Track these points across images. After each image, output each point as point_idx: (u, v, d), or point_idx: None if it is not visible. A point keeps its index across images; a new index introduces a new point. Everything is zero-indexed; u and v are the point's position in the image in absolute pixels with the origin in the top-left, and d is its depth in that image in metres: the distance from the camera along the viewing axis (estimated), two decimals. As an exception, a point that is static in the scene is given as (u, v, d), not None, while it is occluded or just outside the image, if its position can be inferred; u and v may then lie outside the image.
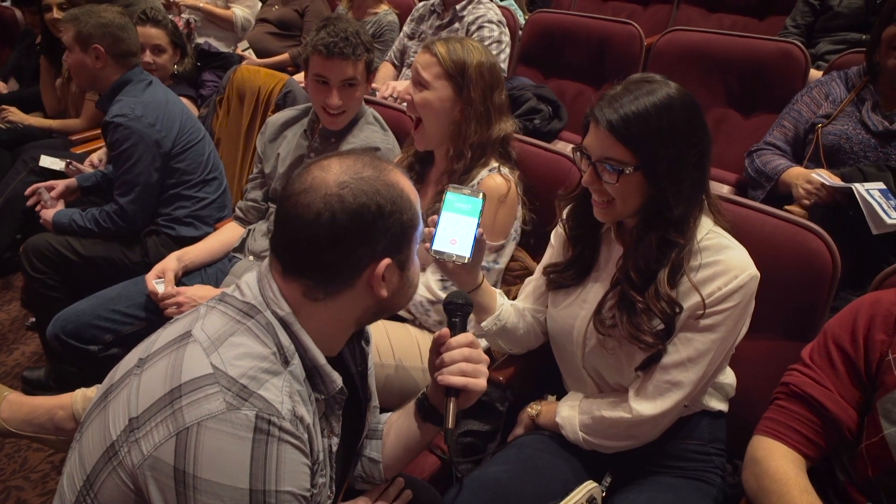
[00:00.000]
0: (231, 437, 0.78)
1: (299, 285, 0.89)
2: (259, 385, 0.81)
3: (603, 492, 1.23)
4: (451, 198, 1.22)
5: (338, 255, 0.87)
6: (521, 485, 1.21)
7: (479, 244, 1.22)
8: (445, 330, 1.06)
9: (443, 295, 1.49)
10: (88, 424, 0.89)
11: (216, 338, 0.85)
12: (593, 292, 1.27)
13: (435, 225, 1.22)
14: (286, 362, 0.87)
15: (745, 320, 1.19)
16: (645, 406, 1.19)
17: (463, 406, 1.05)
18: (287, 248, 0.90)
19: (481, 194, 1.22)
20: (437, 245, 1.21)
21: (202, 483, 0.77)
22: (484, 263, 1.54)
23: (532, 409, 1.40)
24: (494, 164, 1.58)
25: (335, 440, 0.98)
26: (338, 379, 0.93)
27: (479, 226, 1.21)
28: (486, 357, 1.05)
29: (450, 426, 1.02)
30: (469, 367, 1.02)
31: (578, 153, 1.18)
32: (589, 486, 1.17)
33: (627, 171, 1.10)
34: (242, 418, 0.78)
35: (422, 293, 1.55)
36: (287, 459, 0.81)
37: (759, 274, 1.15)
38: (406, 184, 0.93)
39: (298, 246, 0.88)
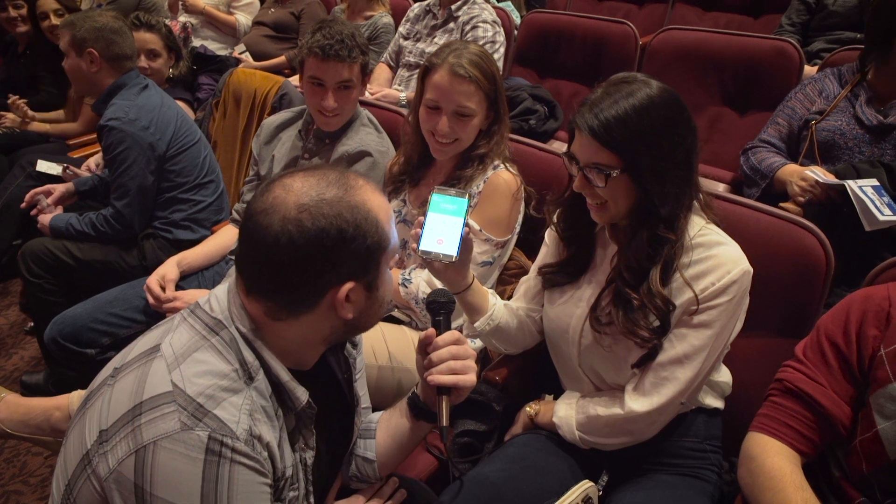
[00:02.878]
0: (183, 458, 0.78)
1: (261, 305, 0.88)
2: (216, 404, 0.81)
3: (600, 490, 1.24)
4: (437, 199, 1.23)
5: (297, 281, 0.85)
6: (518, 484, 1.21)
7: (465, 243, 1.23)
8: (431, 330, 1.07)
9: None
10: (72, 428, 0.90)
11: (181, 353, 0.85)
12: (589, 290, 1.28)
13: (421, 226, 1.22)
14: (250, 378, 0.86)
15: (740, 316, 1.19)
16: (639, 402, 1.19)
17: (455, 402, 1.06)
18: (248, 268, 0.88)
19: (467, 195, 1.23)
20: (424, 245, 1.22)
21: (157, 501, 0.77)
22: (488, 258, 1.54)
23: (531, 408, 1.40)
24: (497, 161, 1.59)
25: (310, 453, 0.98)
26: (303, 395, 0.92)
27: (465, 225, 1.22)
28: (472, 351, 1.07)
29: (444, 423, 1.03)
30: (457, 365, 1.03)
31: (568, 159, 1.19)
32: (585, 486, 1.17)
33: (614, 175, 1.11)
34: (195, 439, 0.78)
35: (423, 288, 1.55)
36: (240, 481, 0.81)
37: (751, 269, 1.16)
38: (375, 202, 0.89)
39: (258, 267, 0.86)
